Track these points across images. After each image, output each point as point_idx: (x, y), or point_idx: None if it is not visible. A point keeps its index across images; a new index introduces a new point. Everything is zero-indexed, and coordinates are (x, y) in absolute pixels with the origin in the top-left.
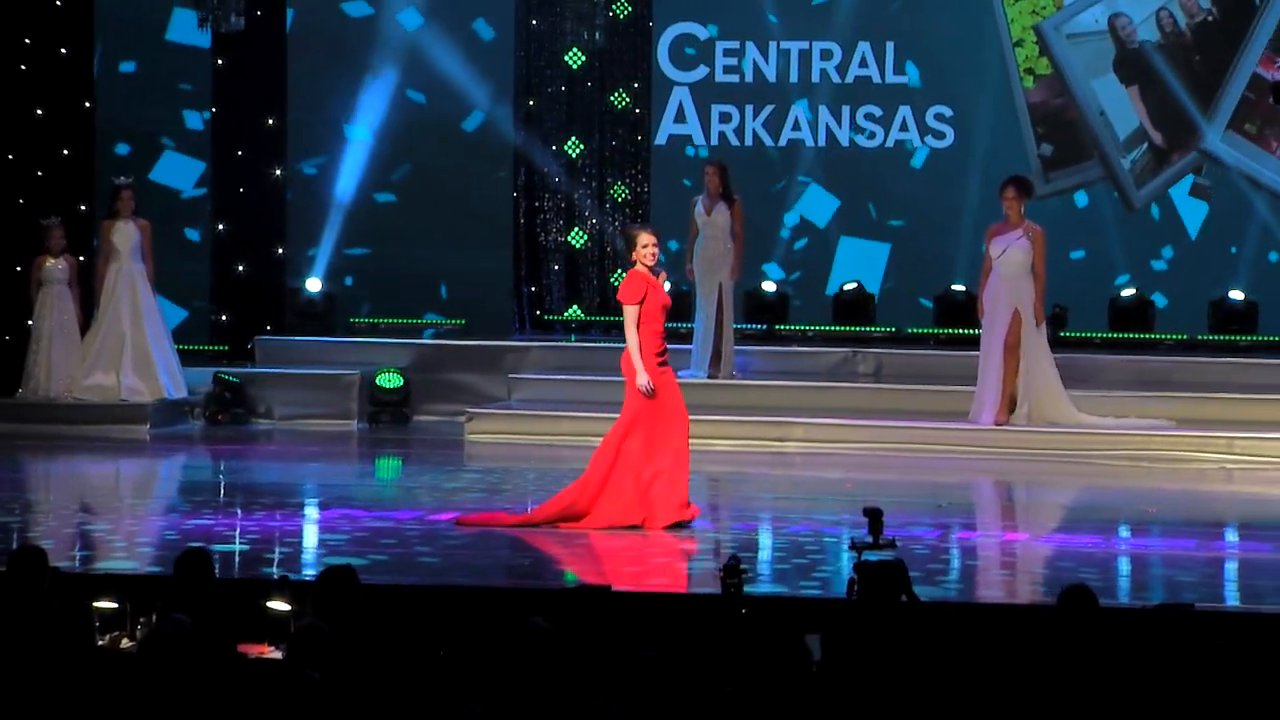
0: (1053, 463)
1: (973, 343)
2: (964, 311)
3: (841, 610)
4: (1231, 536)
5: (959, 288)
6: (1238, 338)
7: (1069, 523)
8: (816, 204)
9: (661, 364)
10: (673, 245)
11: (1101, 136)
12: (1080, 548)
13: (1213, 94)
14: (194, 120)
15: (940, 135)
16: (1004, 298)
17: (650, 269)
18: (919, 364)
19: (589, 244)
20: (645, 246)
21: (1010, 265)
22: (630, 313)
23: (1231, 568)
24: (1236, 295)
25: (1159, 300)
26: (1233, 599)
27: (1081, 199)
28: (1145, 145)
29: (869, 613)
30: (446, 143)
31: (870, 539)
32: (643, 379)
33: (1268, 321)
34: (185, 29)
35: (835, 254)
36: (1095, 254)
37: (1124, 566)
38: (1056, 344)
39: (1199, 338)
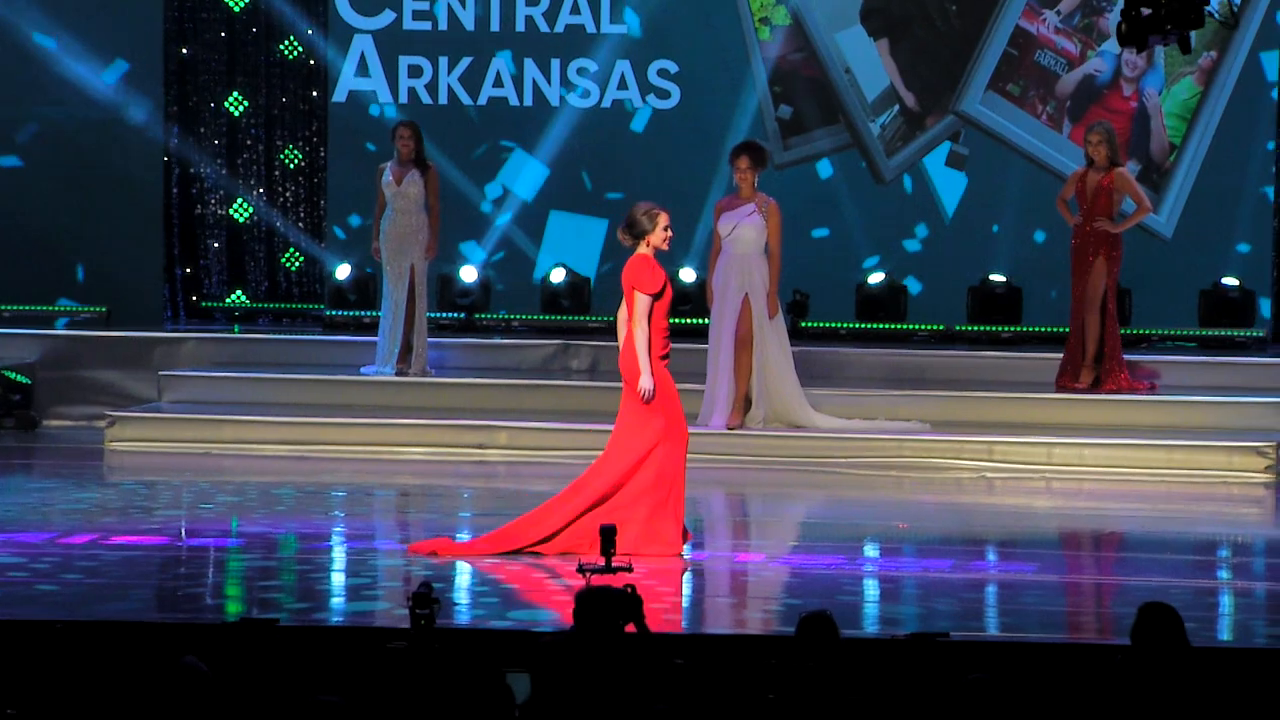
0: (791, 472)
1: (701, 334)
2: (691, 299)
3: (554, 643)
4: (992, 556)
5: (686, 272)
6: (1000, 328)
7: (809, 541)
8: (522, 173)
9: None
10: (354, 220)
11: (847, 97)
12: (822, 569)
13: (971, 49)
14: None
15: (664, 94)
16: (734, 282)
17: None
18: None
19: (255, 218)
20: (666, 229)
21: (741, 245)
22: (644, 304)
23: (991, 591)
24: (998, 280)
25: (912, 286)
26: (993, 627)
27: (824, 169)
28: (896, 108)
29: (587, 646)
30: (82, 97)
31: (602, 561)
32: (647, 381)
33: (1033, 310)
34: None
35: (544, 232)
36: (840, 232)
37: (871, 591)
38: (796, 335)
39: (957, 328)
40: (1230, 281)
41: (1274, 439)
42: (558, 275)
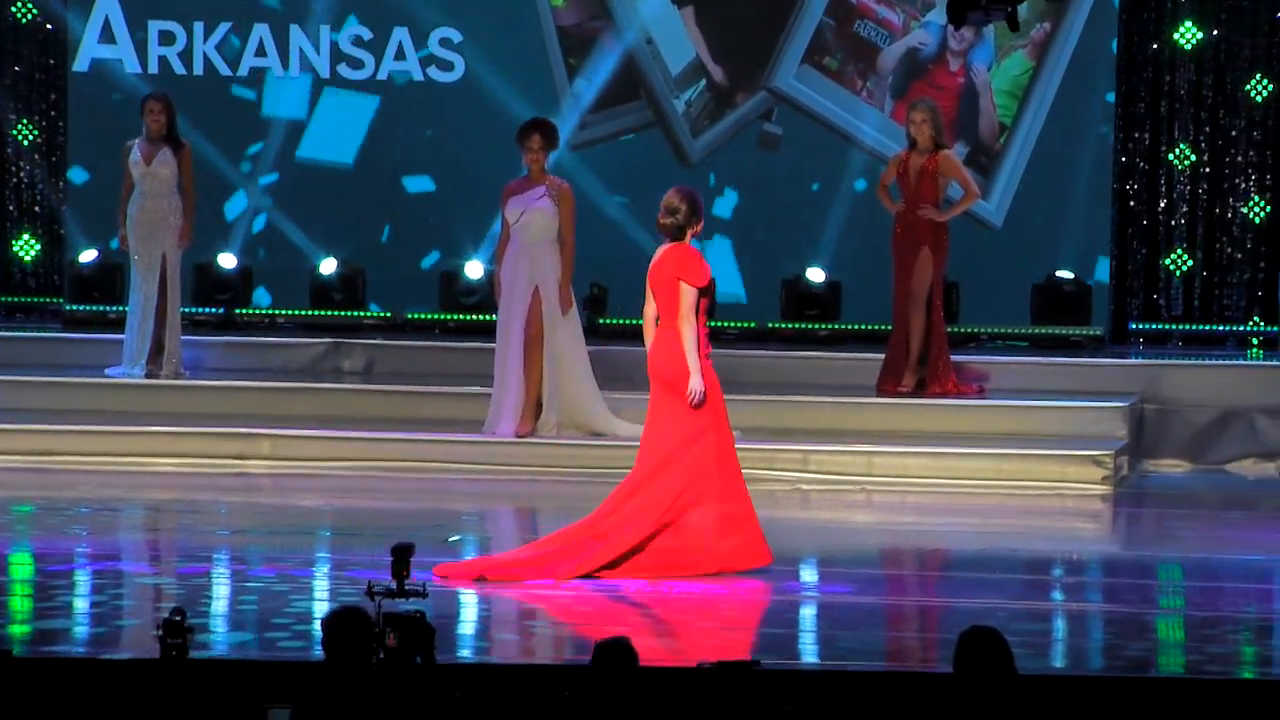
0: (588, 484)
1: (487, 332)
2: (477, 292)
3: (319, 674)
4: (807, 576)
5: (473, 264)
6: (816, 326)
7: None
8: (289, 153)
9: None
10: (98, 204)
11: (649, 71)
12: (620, 592)
13: (785, 19)
14: None
15: (446, 66)
16: (523, 274)
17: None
18: (421, 359)
19: None
20: (703, 219)
21: (531, 232)
22: (692, 298)
23: (806, 615)
24: (815, 274)
25: (721, 279)
26: (808, 655)
27: (625, 149)
28: (703, 83)
29: (339, 676)
30: None
31: (394, 584)
32: (699, 382)
33: (852, 306)
34: None
35: (313, 219)
36: (642, 219)
37: (674, 615)
38: (592, 333)
39: (769, 326)
40: (1065, 275)
41: (1112, 447)
42: (328, 266)
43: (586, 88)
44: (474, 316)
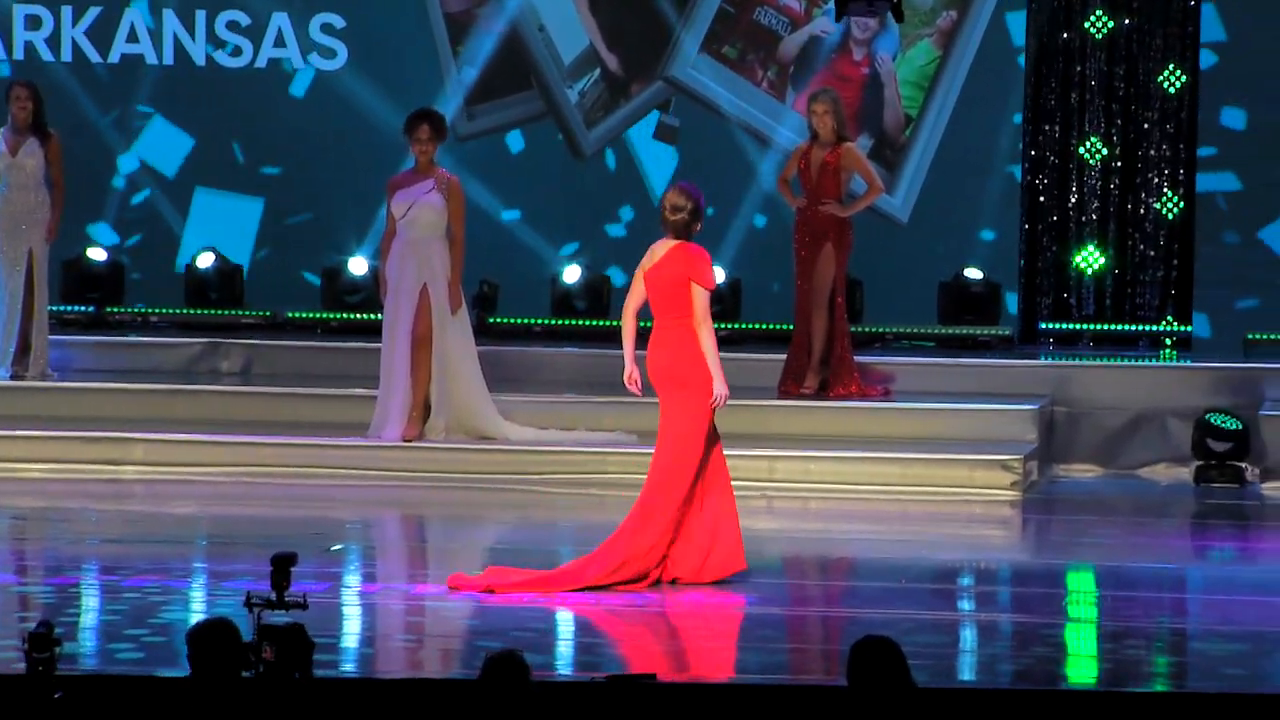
0: (477, 490)
1: (373, 332)
2: (362, 290)
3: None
4: (707, 585)
5: (356, 260)
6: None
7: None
8: (162, 144)
9: None
10: None
11: (541, 59)
12: (513, 603)
13: (682, 6)
14: None
15: (329, 53)
16: (411, 271)
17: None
18: (303, 360)
19: None
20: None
21: (419, 228)
22: (707, 300)
23: (704, 626)
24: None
25: (616, 277)
26: (705, 667)
27: (516, 141)
28: (598, 72)
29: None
30: None
31: (273, 595)
32: (723, 386)
33: (751, 305)
34: None
35: (189, 212)
36: (534, 214)
37: (567, 627)
38: (483, 333)
39: None
40: (973, 274)
41: (1021, 451)
42: (205, 261)
43: (474, 76)
44: (358, 315)
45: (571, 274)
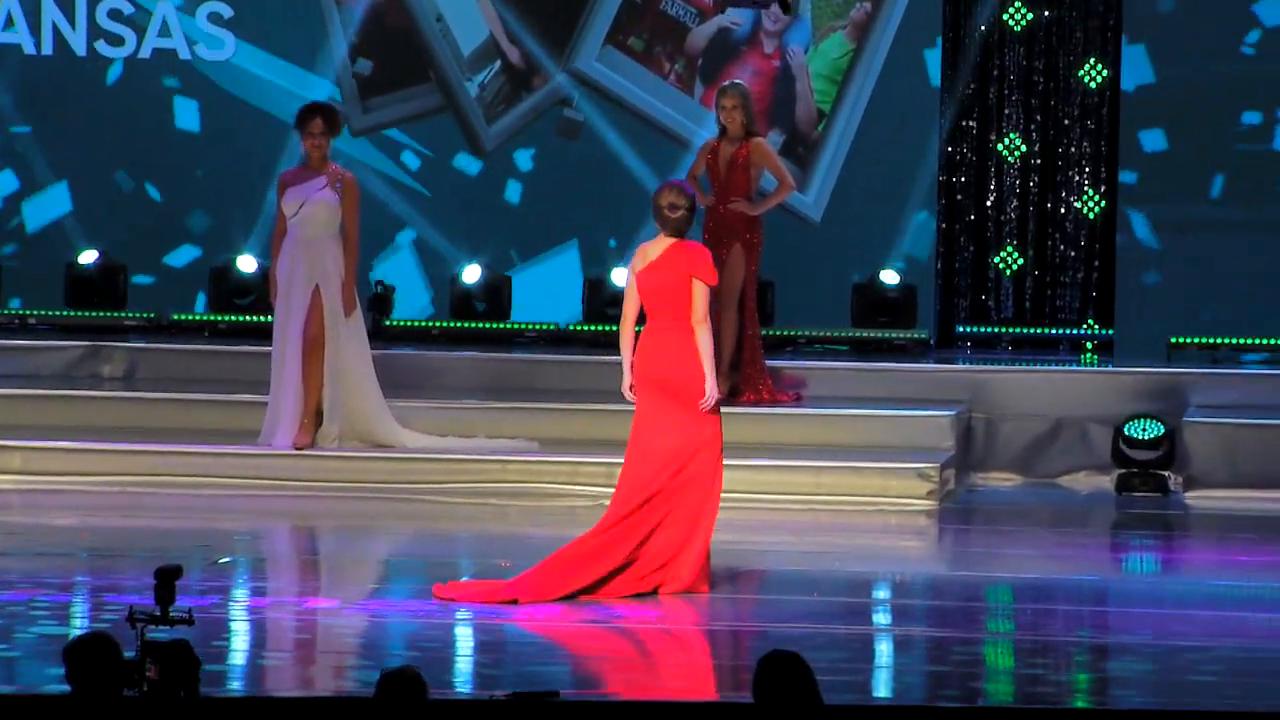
0: (372, 500)
1: (263, 334)
2: (250, 291)
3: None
4: (613, 599)
5: (246, 260)
6: (618, 328)
7: (393, 583)
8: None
9: None
10: None
11: (439, 51)
12: (408, 616)
13: None
14: None
15: (217, 43)
16: (303, 271)
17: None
18: (189, 365)
19: None
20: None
21: (311, 226)
22: (707, 297)
23: (610, 642)
24: (619, 275)
25: (516, 278)
26: (611, 684)
27: (412, 135)
28: (498, 64)
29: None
30: None
31: (158, 610)
32: (715, 389)
33: None
34: None
35: (69, 210)
36: (430, 213)
37: (466, 642)
38: (378, 336)
39: (570, 329)
40: (889, 276)
41: (938, 459)
42: (88, 258)
43: (370, 68)
44: (247, 317)
45: (471, 274)
